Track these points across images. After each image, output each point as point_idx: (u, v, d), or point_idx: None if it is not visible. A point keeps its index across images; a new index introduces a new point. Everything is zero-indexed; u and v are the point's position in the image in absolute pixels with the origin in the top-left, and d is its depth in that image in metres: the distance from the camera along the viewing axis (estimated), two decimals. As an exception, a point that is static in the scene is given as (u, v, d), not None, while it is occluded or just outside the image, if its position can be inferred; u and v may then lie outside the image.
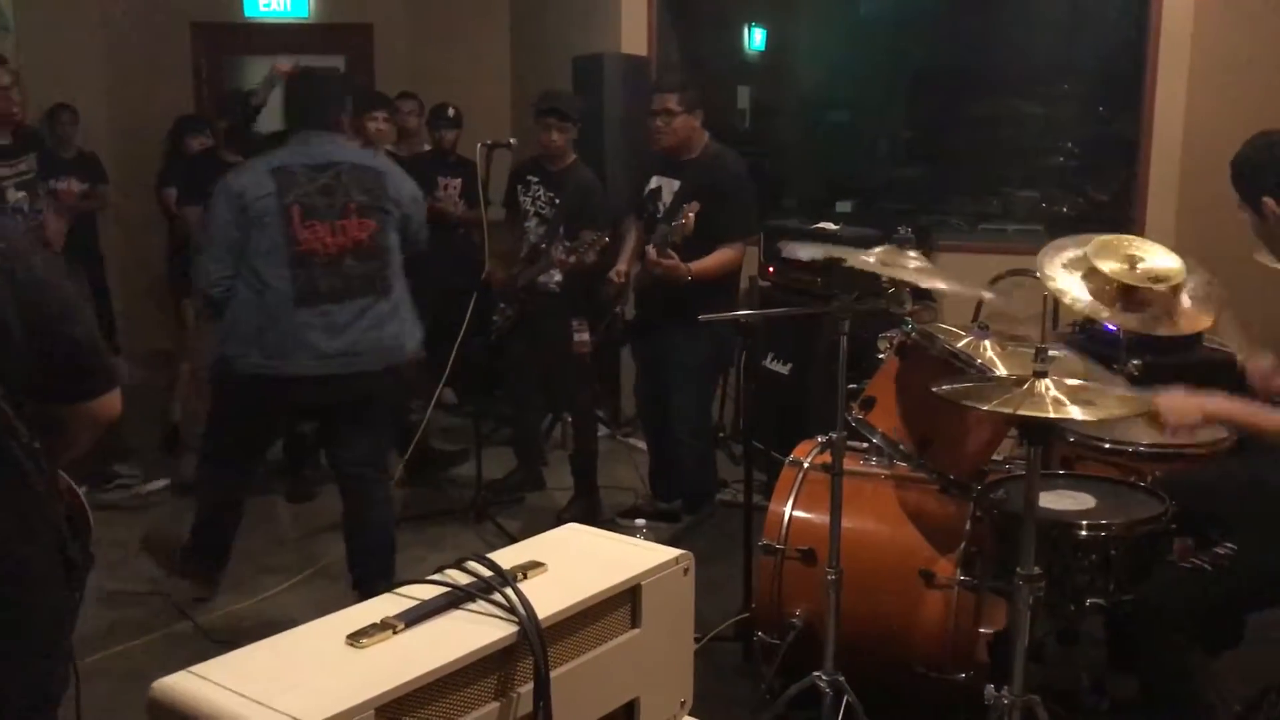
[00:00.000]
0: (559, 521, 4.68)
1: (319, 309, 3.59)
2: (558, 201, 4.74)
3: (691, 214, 4.11)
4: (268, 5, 7.43)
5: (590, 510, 4.82)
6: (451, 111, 5.91)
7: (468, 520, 4.88)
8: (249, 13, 7.44)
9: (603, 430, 5.86)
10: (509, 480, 5.26)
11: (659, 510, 4.71)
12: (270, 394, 3.66)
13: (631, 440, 6.06)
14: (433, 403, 4.89)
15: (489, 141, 4.74)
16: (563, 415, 5.68)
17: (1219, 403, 2.56)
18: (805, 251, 3.14)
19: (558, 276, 4.70)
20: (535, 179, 4.84)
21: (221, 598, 4.11)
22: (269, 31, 7.47)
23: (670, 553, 1.81)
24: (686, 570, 1.82)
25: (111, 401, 1.99)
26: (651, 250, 4.28)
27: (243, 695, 1.36)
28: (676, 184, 4.45)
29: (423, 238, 3.92)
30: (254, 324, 3.59)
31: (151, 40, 7.13)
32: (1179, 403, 2.57)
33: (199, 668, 1.44)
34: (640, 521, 3.98)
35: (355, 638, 1.50)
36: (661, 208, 4.49)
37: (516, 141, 4.84)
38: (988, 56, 7.61)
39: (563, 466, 5.18)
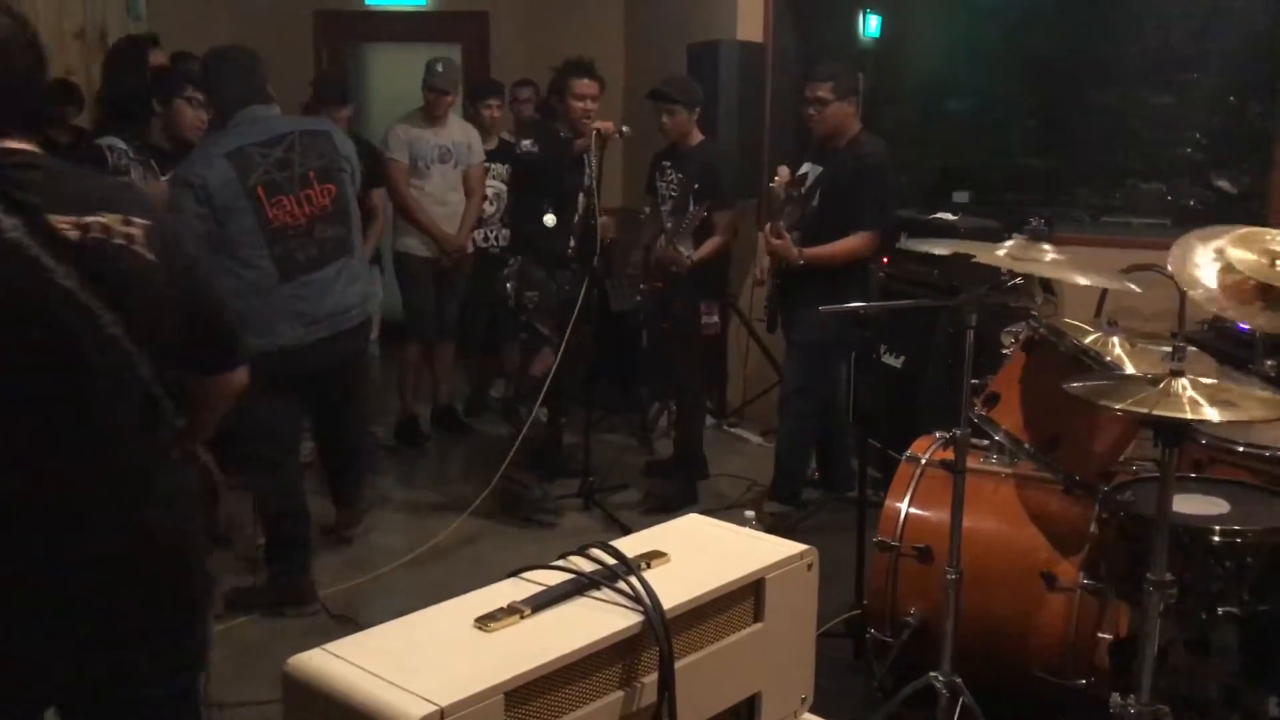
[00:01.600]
0: (656, 501, 4.77)
1: (301, 279, 3.73)
2: (684, 181, 4.77)
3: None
4: (387, -8, 7.56)
5: (683, 494, 4.87)
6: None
7: (579, 507, 4.90)
8: (370, 1, 7.57)
9: (709, 420, 5.85)
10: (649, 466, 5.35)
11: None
12: (273, 372, 3.60)
13: (737, 430, 6.04)
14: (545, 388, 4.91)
15: (597, 126, 4.73)
16: (668, 401, 5.67)
17: None
18: (937, 248, 3.07)
19: (690, 254, 4.73)
20: (669, 163, 4.91)
21: (338, 573, 4.20)
22: (388, 19, 7.60)
23: (794, 547, 1.79)
24: (810, 566, 1.80)
25: (243, 374, 2.05)
26: (768, 228, 4.45)
27: (376, 675, 1.38)
28: (821, 169, 4.48)
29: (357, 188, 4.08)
30: (239, 308, 3.52)
31: (276, 28, 7.29)
32: None
33: (333, 645, 1.46)
34: (750, 513, 3.95)
35: (483, 621, 1.51)
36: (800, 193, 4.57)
37: (629, 130, 4.83)
38: (1113, 44, 7.36)
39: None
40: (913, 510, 3.14)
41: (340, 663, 1.42)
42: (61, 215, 1.64)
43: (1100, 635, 2.95)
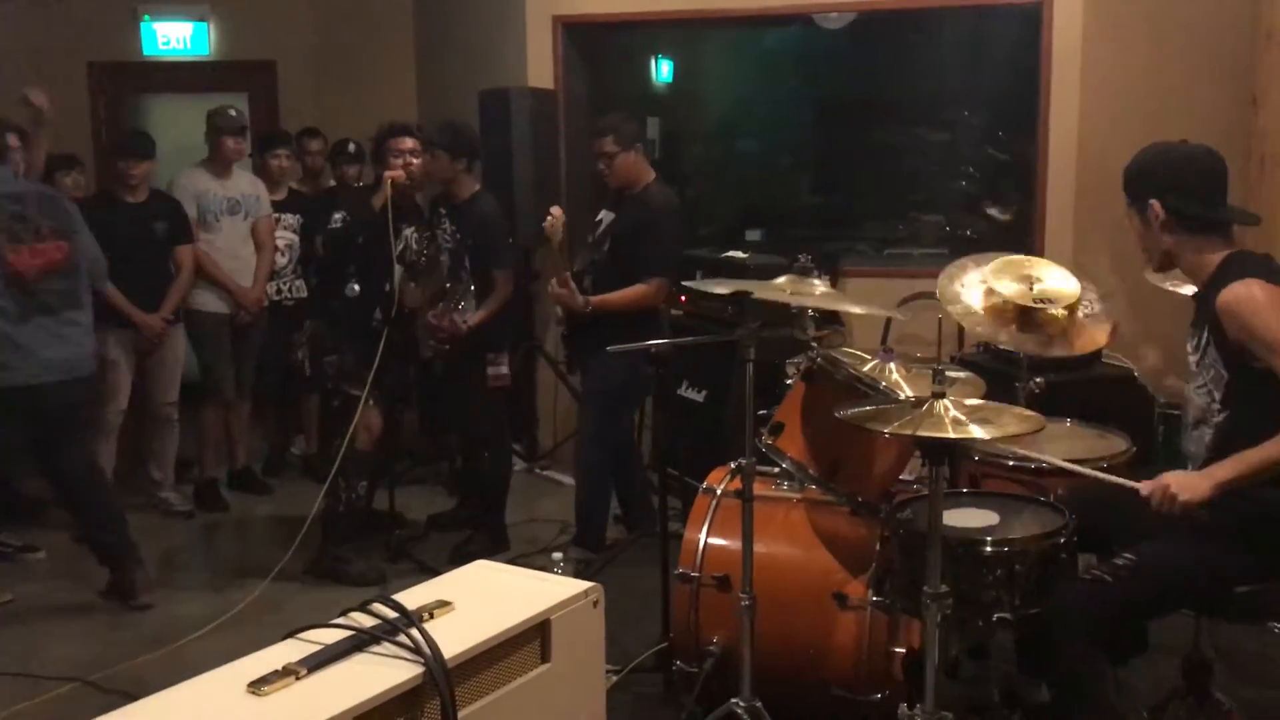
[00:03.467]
0: (458, 557, 4.71)
1: (35, 322, 4.11)
2: (458, 236, 4.71)
3: (556, 219, 4.30)
4: (166, 42, 7.30)
5: (491, 545, 4.80)
6: (353, 147, 5.85)
7: (385, 559, 4.81)
8: (147, 51, 7.30)
9: (519, 464, 5.85)
10: (456, 516, 5.27)
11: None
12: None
13: (549, 473, 6.04)
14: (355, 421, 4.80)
15: (389, 174, 4.67)
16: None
17: (1224, 469, 2.56)
18: (717, 287, 3.17)
19: (469, 316, 4.68)
20: (444, 211, 4.80)
21: (131, 648, 4.00)
22: (170, 70, 7.35)
23: (579, 585, 1.82)
24: (596, 603, 1.83)
25: None
26: (554, 281, 4.47)
27: (139, 750, 1.33)
28: (613, 216, 4.55)
29: (101, 268, 4.55)
30: None
31: (47, 79, 6.96)
32: (1190, 481, 2.58)
33: (102, 719, 1.41)
34: (557, 555, 3.95)
35: (256, 685, 1.48)
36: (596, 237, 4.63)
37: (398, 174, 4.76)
38: (890, 86, 7.80)
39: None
40: (710, 540, 3.21)
41: (103, 740, 1.37)
42: None
43: (896, 650, 3.07)
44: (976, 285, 3.48)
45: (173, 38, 7.29)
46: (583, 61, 6.28)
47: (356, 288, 4.75)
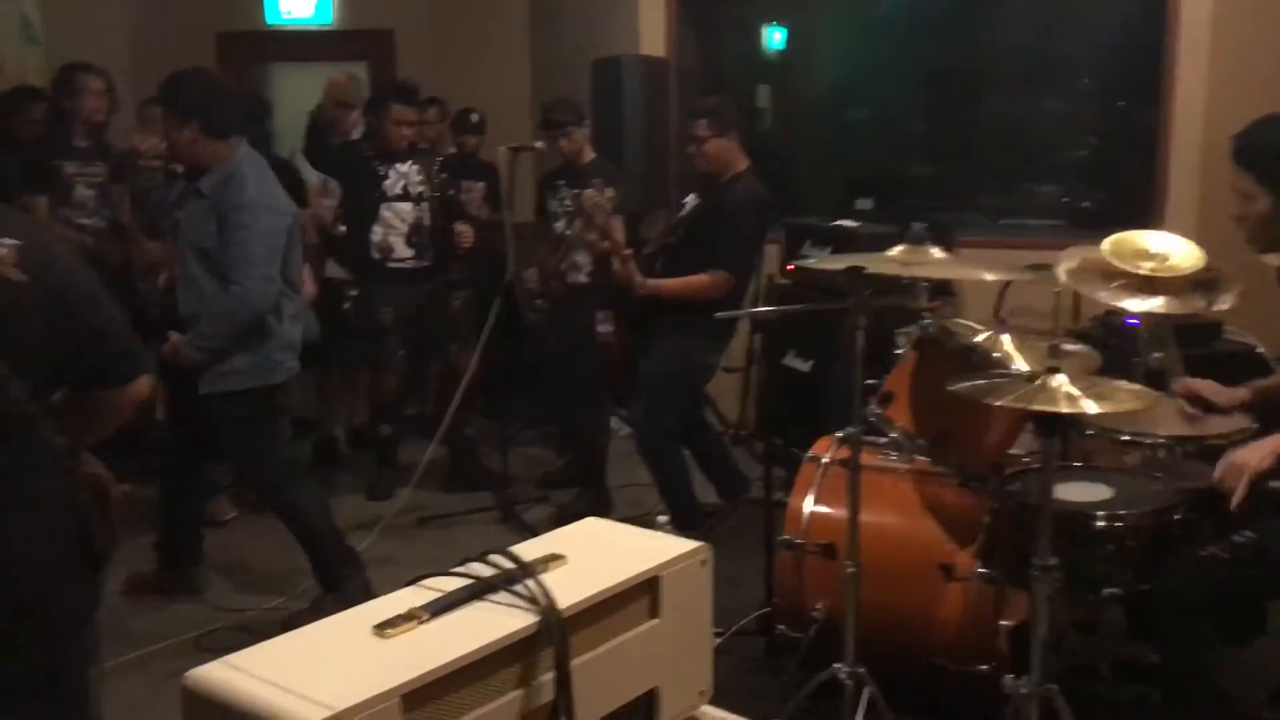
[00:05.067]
0: (562, 517, 4.82)
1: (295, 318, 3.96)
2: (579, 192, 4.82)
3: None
4: (288, 12, 7.51)
5: (597, 505, 4.88)
6: (475, 117, 5.97)
7: (494, 520, 4.93)
8: (270, 20, 7.52)
9: (625, 429, 5.92)
10: (561, 478, 5.37)
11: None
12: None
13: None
14: (455, 402, 4.94)
15: (514, 145, 4.80)
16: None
17: None
18: (829, 262, 3.15)
19: (587, 268, 4.78)
20: (562, 181, 4.94)
21: (257, 597, 4.19)
22: (291, 39, 7.55)
23: (688, 545, 1.85)
24: (704, 562, 1.86)
25: (143, 386, 2.07)
26: (617, 261, 4.40)
27: (274, 684, 1.41)
28: (694, 200, 4.55)
29: None
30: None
31: (177, 50, 7.21)
32: (1253, 451, 2.53)
33: (231, 657, 1.49)
34: (663, 519, 4.02)
35: (381, 628, 1.55)
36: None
37: (543, 145, 4.90)
38: (1007, 52, 7.60)
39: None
40: (815, 508, 3.23)
41: (239, 674, 1.45)
42: None
43: (1002, 623, 3.06)
44: (1095, 259, 3.41)
45: (296, 7, 7.49)
46: (694, 30, 6.27)
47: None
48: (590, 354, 4.97)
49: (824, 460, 3.31)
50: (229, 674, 1.45)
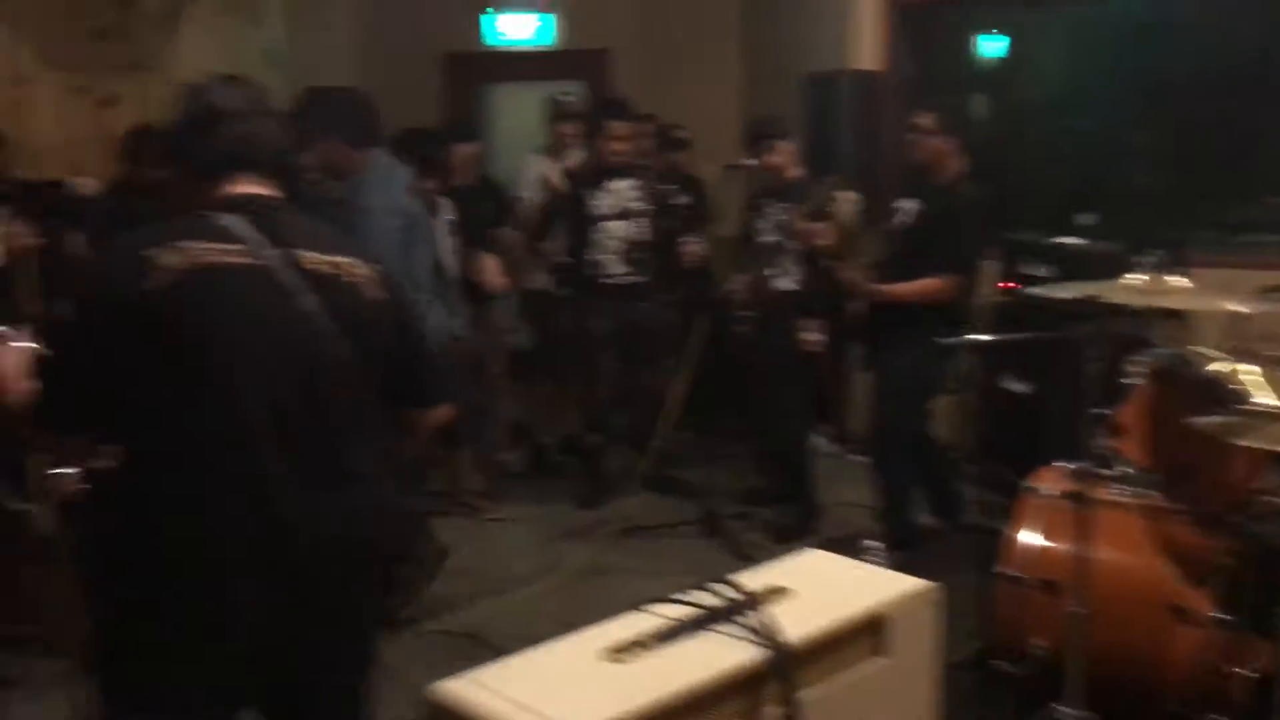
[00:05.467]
0: (774, 531, 4.81)
1: None
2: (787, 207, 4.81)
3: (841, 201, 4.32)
4: (513, 35, 7.77)
5: (807, 519, 4.86)
6: (680, 133, 6.05)
7: (700, 533, 4.97)
8: (495, 42, 7.80)
9: (828, 446, 5.86)
10: (767, 493, 5.37)
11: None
12: None
13: (861, 458, 6.01)
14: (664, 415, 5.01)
15: (728, 163, 4.85)
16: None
17: None
18: (1059, 292, 3.02)
19: (796, 275, 4.77)
20: (767, 199, 4.94)
21: (467, 600, 4.34)
22: (513, 59, 7.81)
23: (918, 584, 1.83)
24: (934, 602, 1.84)
25: (442, 414, 2.25)
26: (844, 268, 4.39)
27: (516, 703, 1.47)
28: (913, 205, 4.44)
29: None
30: None
31: (404, 70, 7.58)
32: None
33: (474, 674, 1.56)
34: (871, 543, 3.95)
35: (613, 652, 1.60)
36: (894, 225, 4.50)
37: (755, 162, 4.92)
38: (1236, 58, 7.17)
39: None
40: (1037, 542, 3.12)
41: (482, 691, 1.52)
42: (309, 251, 1.92)
43: (1239, 671, 2.88)
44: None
45: (518, 29, 7.75)
46: (909, 43, 6.17)
47: None
48: (797, 363, 4.95)
49: (1046, 491, 3.19)
50: (473, 691, 1.53)
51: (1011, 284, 5.24)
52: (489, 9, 7.72)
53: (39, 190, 4.64)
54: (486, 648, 3.98)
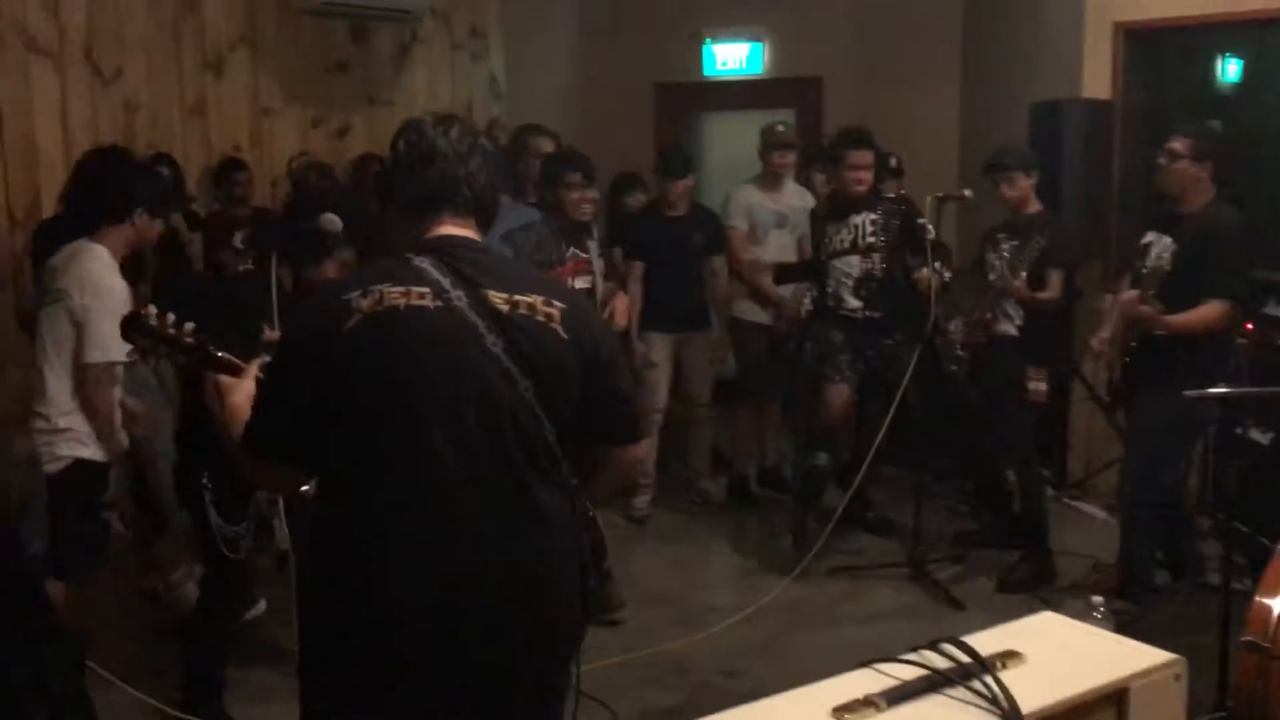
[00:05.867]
0: (1005, 584, 4.63)
1: None
2: (1018, 244, 4.64)
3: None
4: (724, 63, 7.82)
5: (1039, 574, 4.67)
6: (894, 160, 5.93)
7: (907, 576, 4.84)
8: (707, 72, 7.87)
9: (1049, 491, 5.61)
10: (979, 535, 5.24)
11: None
12: None
13: (1080, 504, 5.75)
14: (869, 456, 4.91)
15: (941, 194, 4.72)
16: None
17: None
18: None
19: (1018, 320, 4.62)
20: (1002, 235, 4.77)
21: (669, 630, 4.35)
22: (726, 88, 7.86)
23: (1161, 656, 1.72)
24: (1178, 676, 1.72)
25: (639, 450, 2.27)
26: (1133, 295, 4.12)
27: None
28: (1167, 239, 4.20)
29: None
30: None
31: (620, 100, 7.73)
32: None
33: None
34: (1098, 599, 3.73)
35: (840, 712, 1.55)
36: (1147, 264, 4.25)
37: (972, 194, 4.77)
38: None
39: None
40: (1287, 609, 2.89)
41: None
42: (495, 291, 1.95)
43: None
44: None
45: (730, 58, 7.80)
46: (1140, 71, 5.88)
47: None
48: (1016, 409, 4.76)
49: (1298, 555, 2.96)
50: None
51: (1250, 325, 4.91)
52: (707, 39, 7.80)
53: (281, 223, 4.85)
54: (690, 680, 3.98)
